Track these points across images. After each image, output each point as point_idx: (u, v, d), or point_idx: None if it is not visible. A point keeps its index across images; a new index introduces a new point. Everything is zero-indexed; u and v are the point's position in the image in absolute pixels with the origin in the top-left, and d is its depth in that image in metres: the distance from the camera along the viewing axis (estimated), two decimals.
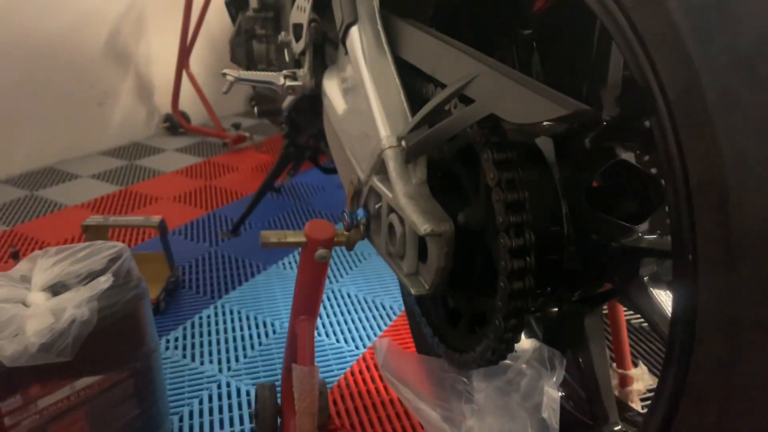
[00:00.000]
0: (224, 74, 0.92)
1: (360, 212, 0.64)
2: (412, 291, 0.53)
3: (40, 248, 1.34)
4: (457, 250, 0.51)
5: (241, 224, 1.39)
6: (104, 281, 0.63)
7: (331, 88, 0.77)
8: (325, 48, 0.91)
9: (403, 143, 0.54)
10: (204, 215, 1.60)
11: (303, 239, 0.64)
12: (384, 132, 0.57)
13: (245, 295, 1.22)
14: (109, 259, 0.69)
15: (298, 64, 1.05)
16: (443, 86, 0.51)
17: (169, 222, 1.53)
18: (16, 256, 1.20)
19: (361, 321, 1.13)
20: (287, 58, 1.09)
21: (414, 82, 0.59)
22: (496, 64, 0.46)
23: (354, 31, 0.64)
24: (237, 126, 2.15)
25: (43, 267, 0.66)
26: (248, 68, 1.30)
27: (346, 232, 0.65)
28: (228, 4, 1.37)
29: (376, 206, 0.61)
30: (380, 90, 0.59)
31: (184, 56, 2.19)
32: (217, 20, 2.25)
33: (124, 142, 2.17)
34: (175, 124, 2.29)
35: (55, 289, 0.65)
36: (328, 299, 1.20)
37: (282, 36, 1.08)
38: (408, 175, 0.54)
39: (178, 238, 1.46)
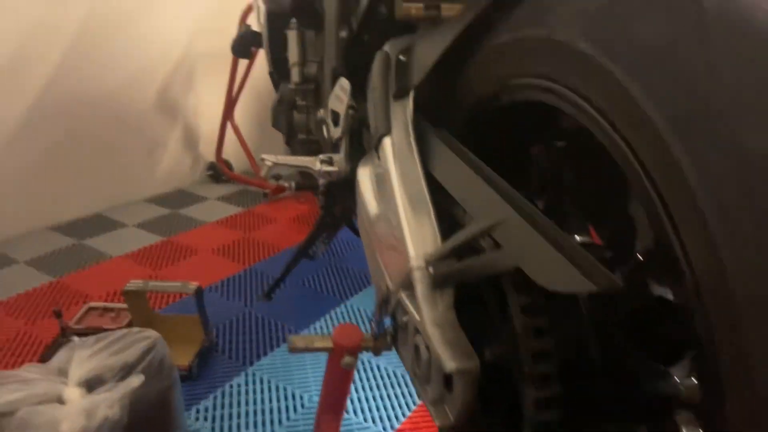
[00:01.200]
0: (262, 159, 0.94)
1: (388, 321, 0.64)
2: (437, 423, 0.52)
3: (84, 302, 1.40)
4: (484, 382, 0.50)
5: (275, 289, 1.41)
6: (137, 381, 0.65)
7: (365, 183, 0.78)
8: (363, 133, 0.93)
9: (431, 269, 0.54)
10: (241, 271, 1.63)
11: (330, 345, 0.65)
12: (412, 252, 0.57)
13: (276, 363, 1.22)
14: (143, 351, 0.71)
15: (335, 146, 1.08)
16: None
17: (206, 277, 1.58)
18: (59, 315, 1.25)
19: (390, 398, 1.12)
20: (325, 134, 1.12)
21: (446, 200, 0.60)
22: (524, 207, 0.45)
23: (387, 142, 0.65)
24: (277, 177, 2.19)
25: (80, 359, 0.68)
26: (289, 136, 1.34)
27: (373, 339, 0.65)
28: (271, 73, 1.42)
29: (404, 319, 0.60)
30: (410, 206, 0.60)
31: (229, 108, 2.27)
32: (262, 74, 2.33)
33: (170, 189, 2.25)
34: (218, 172, 2.36)
35: (91, 383, 0.67)
36: (358, 371, 1.19)
37: (321, 113, 1.10)
38: (435, 300, 0.53)
39: (214, 295, 1.49)
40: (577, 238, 0.58)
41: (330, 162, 0.93)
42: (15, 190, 1.74)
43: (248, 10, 2.10)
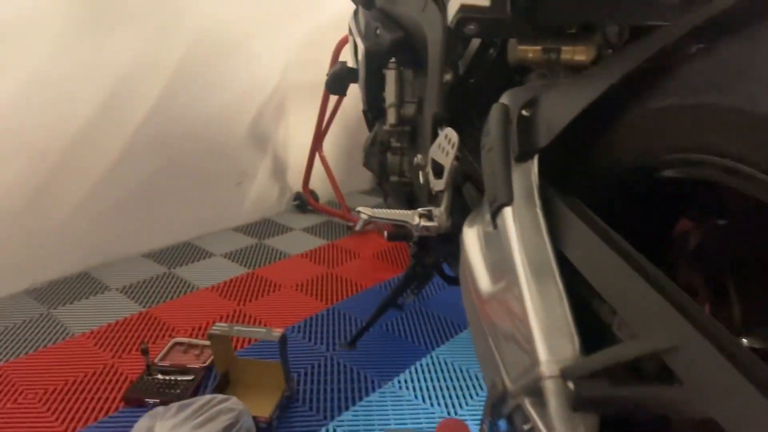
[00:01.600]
0: (358, 212, 0.88)
1: (502, 425, 0.54)
2: None
3: (170, 336, 1.39)
4: None
5: (359, 338, 1.34)
6: None
7: (474, 250, 0.69)
8: (467, 187, 0.85)
9: (571, 386, 0.44)
10: (323, 310, 1.58)
11: None
12: (543, 354, 0.47)
13: (359, 420, 1.15)
14: (227, 425, 0.65)
15: (432, 195, 1.00)
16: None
17: (288, 315, 1.54)
18: (146, 353, 1.25)
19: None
20: (421, 181, 1.05)
21: (581, 288, 0.50)
22: (709, 325, 0.35)
23: (508, 212, 0.56)
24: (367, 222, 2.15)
25: (162, 429, 0.64)
26: (380, 178, 1.28)
27: None
28: (365, 112, 1.37)
29: (525, 427, 0.51)
30: (538, 293, 0.50)
31: (318, 140, 2.27)
32: (351, 106, 2.32)
33: (257, 218, 2.26)
34: (304, 202, 2.36)
35: None
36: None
37: (418, 159, 1.03)
38: (574, 425, 0.43)
39: (296, 337, 1.44)
40: None
41: (429, 216, 0.85)
42: (114, 218, 1.80)
43: (342, 43, 2.10)
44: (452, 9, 0.72)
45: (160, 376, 1.23)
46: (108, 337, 1.41)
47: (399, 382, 1.27)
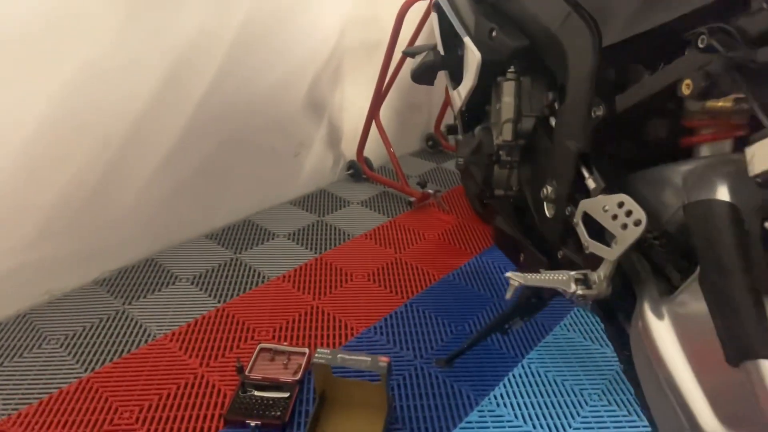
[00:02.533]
0: (509, 278, 0.81)
1: None
2: None
3: (252, 338, 1.36)
4: None
5: (458, 357, 1.30)
6: None
7: (667, 343, 0.62)
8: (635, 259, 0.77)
9: None
10: (401, 306, 1.54)
11: None
12: None
13: None
14: None
15: (564, 233, 0.92)
16: None
17: (366, 314, 1.50)
18: (241, 371, 1.22)
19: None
20: (548, 213, 0.96)
21: None
22: None
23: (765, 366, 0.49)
24: (423, 184, 2.06)
25: None
26: (483, 191, 1.18)
27: None
28: (462, 113, 1.25)
29: None
30: None
31: (376, 106, 2.14)
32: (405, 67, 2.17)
33: (312, 189, 2.18)
34: (358, 170, 2.27)
35: None
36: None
37: (548, 192, 0.94)
38: None
39: (379, 340, 1.41)
40: None
41: (586, 283, 0.78)
42: (176, 200, 1.73)
43: (407, 5, 1.92)
44: None
45: (255, 393, 1.21)
46: (190, 340, 1.39)
47: (496, 397, 1.25)
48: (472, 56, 1.08)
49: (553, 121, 0.98)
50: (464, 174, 1.26)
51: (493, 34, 1.06)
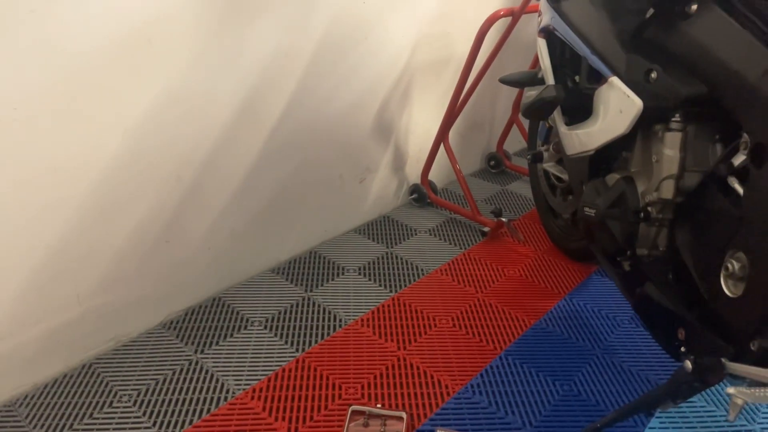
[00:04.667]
0: (731, 395, 0.67)
1: None
2: None
3: (339, 396, 1.23)
4: None
5: None
6: None
7: None
8: None
9: None
10: (495, 359, 1.40)
11: None
12: None
13: None
14: None
15: (764, 315, 0.77)
16: None
17: (460, 369, 1.36)
18: None
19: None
20: (730, 292, 0.82)
21: None
22: None
23: None
24: (498, 213, 1.92)
25: None
26: (623, 247, 1.04)
27: None
28: (593, 159, 1.11)
29: None
30: None
31: (446, 128, 2.01)
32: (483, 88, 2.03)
33: (375, 216, 2.05)
34: (422, 195, 2.13)
35: None
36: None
37: (733, 268, 0.80)
38: None
39: (481, 402, 1.27)
40: None
41: None
42: (244, 234, 1.60)
43: (489, 23, 1.78)
44: None
45: None
46: (273, 398, 1.26)
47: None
48: (627, 102, 0.94)
49: (735, 183, 0.84)
50: (595, 226, 1.12)
51: (653, 75, 0.91)
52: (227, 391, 1.28)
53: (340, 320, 1.53)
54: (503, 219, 1.93)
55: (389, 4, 1.72)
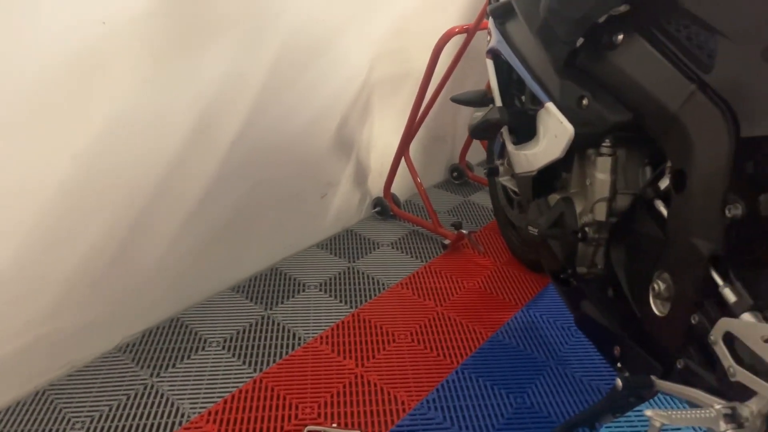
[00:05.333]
0: (650, 417, 0.70)
1: None
2: None
3: (296, 417, 1.24)
4: None
5: None
6: None
7: None
8: None
9: None
10: (452, 373, 1.42)
11: None
12: None
13: None
14: None
15: (688, 335, 0.81)
16: None
17: (417, 384, 1.38)
18: None
19: None
20: (656, 310, 0.85)
21: None
22: None
23: None
24: (458, 225, 1.95)
25: None
26: (564, 266, 1.07)
27: None
28: (536, 180, 1.14)
29: None
30: None
31: (407, 141, 2.03)
32: (440, 103, 2.06)
33: (338, 230, 2.06)
34: (385, 208, 2.15)
35: None
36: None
37: (659, 289, 0.83)
38: None
39: (435, 417, 1.29)
40: None
41: (736, 419, 0.67)
42: (201, 253, 1.60)
43: (444, 40, 1.81)
44: None
45: None
46: (229, 421, 1.26)
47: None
48: (560, 127, 0.97)
49: (661, 206, 0.88)
50: (537, 244, 1.15)
51: (584, 102, 0.95)
52: (182, 415, 1.28)
53: (300, 338, 1.53)
54: (463, 231, 1.96)
55: (345, 22, 1.74)
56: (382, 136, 2.10)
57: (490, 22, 1.39)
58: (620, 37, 0.89)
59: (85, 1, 1.13)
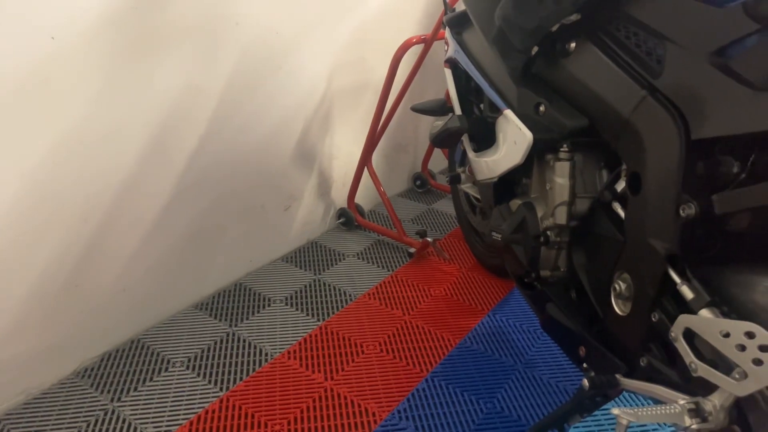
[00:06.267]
0: (617, 415, 0.71)
1: None
2: None
3: None
4: None
5: None
6: None
7: None
8: None
9: None
10: (422, 381, 1.42)
11: None
12: None
13: None
14: None
15: (649, 333, 0.83)
16: None
17: (388, 397, 1.36)
18: None
19: None
20: (618, 310, 0.87)
21: None
22: None
23: None
24: (422, 234, 1.96)
25: None
26: (529, 270, 1.08)
27: None
28: (497, 185, 1.16)
29: None
30: None
31: (369, 151, 2.03)
32: (401, 113, 2.07)
33: (303, 243, 2.04)
34: (350, 219, 2.14)
35: None
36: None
37: (620, 289, 0.85)
38: None
39: (406, 428, 1.29)
40: None
41: (700, 414, 0.69)
42: (160, 270, 1.56)
43: (403, 50, 1.83)
44: None
45: None
46: None
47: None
48: (519, 134, 0.99)
49: (618, 208, 0.90)
50: (501, 249, 1.16)
51: (541, 108, 0.97)
52: None
53: (267, 354, 1.50)
54: (428, 239, 1.97)
55: (303, 33, 1.73)
56: (345, 147, 2.10)
57: (447, 32, 1.40)
58: (573, 45, 0.91)
59: (34, 15, 1.09)
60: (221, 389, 1.38)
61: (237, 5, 1.49)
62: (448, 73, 1.37)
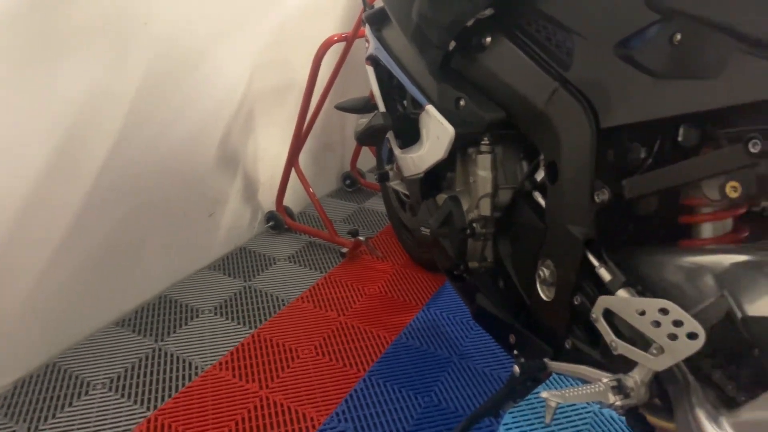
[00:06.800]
0: (546, 398, 0.72)
1: None
2: None
3: None
4: None
5: None
6: None
7: None
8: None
9: None
10: (359, 381, 1.41)
11: None
12: None
13: None
14: None
15: (572, 316, 0.85)
16: None
17: (324, 399, 1.34)
18: None
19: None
20: (542, 296, 0.89)
21: None
22: None
23: None
24: (354, 233, 1.95)
25: None
26: (456, 262, 1.09)
27: None
28: (422, 180, 1.16)
29: None
30: None
31: (295, 152, 2.00)
32: (326, 113, 2.05)
33: (230, 249, 1.98)
34: (279, 222, 2.10)
35: None
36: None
37: (544, 275, 0.87)
38: None
39: (346, 430, 1.27)
40: None
41: (623, 391, 0.71)
42: (73, 288, 1.46)
43: (324, 48, 1.81)
44: None
45: None
46: None
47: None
48: (441, 129, 1.00)
49: (539, 197, 0.92)
50: (430, 244, 1.17)
51: (461, 103, 0.98)
52: None
53: (196, 367, 1.44)
54: (360, 238, 1.96)
55: (219, 33, 1.67)
56: (270, 148, 2.05)
57: (367, 29, 1.40)
58: (488, 39, 0.93)
59: None
60: (148, 409, 1.31)
61: (145, 4, 1.42)
62: (370, 70, 1.37)
